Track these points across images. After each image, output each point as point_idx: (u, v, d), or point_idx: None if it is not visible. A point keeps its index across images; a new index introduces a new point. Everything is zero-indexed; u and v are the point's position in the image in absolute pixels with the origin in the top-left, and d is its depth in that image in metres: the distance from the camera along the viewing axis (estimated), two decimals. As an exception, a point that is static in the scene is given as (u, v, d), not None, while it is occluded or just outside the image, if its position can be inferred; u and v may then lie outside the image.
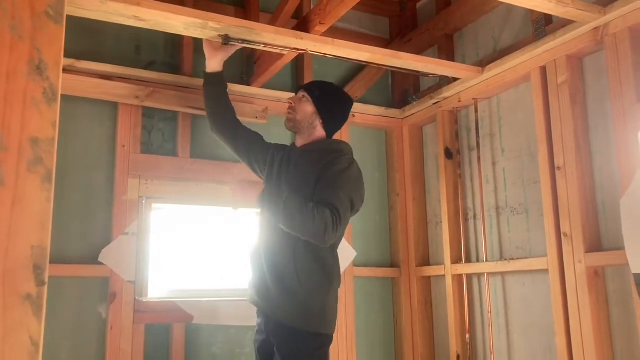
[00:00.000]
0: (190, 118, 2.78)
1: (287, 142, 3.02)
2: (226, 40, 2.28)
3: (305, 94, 2.29)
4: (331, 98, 2.32)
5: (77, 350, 2.44)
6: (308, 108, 2.27)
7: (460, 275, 2.89)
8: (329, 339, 2.14)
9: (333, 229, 1.97)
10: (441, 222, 3.00)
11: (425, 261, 3.16)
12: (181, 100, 2.70)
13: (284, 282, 2.08)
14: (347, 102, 2.39)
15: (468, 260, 2.88)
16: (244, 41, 2.31)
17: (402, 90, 3.40)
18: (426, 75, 2.93)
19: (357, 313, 3.03)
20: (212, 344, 2.71)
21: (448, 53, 3.08)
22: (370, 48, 2.47)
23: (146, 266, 2.59)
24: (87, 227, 2.53)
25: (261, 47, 2.37)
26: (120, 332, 2.45)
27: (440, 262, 3.00)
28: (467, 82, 2.80)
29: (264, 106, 2.89)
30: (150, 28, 2.21)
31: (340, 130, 2.44)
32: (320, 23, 2.26)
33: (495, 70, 2.66)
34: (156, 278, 2.64)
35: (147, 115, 2.74)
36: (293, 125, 2.30)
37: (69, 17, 2.43)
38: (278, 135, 2.99)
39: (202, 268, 2.77)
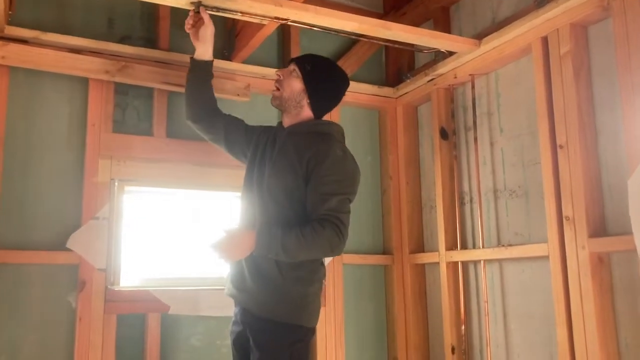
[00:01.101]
0: (167, 95, 2.60)
1: (273, 123, 2.87)
2: (198, 7, 2.10)
3: (296, 68, 2.06)
4: (324, 75, 2.09)
5: (43, 344, 2.28)
6: (296, 84, 2.05)
7: (455, 263, 2.72)
8: (310, 332, 1.99)
9: (340, 241, 1.87)
10: (435, 206, 2.83)
11: (420, 248, 3.00)
12: (156, 76, 2.52)
13: (262, 271, 1.92)
14: (342, 82, 2.16)
15: (464, 246, 2.71)
16: (218, 9, 2.13)
17: (396, 67, 3.21)
18: (420, 50, 2.76)
19: (346, 302, 2.87)
20: (191, 335, 2.55)
21: (444, 26, 2.89)
22: (358, 17, 2.29)
23: (118, 253, 2.42)
24: (54, 211, 2.36)
25: (238, 16, 2.19)
26: (89, 323, 2.29)
27: (434, 249, 2.83)
28: (463, 56, 2.62)
29: (246, 83, 2.70)
30: (115, -6, 2.04)
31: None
32: (301, -11, 2.08)
33: (493, 43, 2.47)
34: (129, 266, 2.48)
35: (121, 92, 2.56)
36: (279, 103, 2.09)
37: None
38: (262, 114, 2.82)
39: (179, 255, 2.60)
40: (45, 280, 2.31)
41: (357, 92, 3.02)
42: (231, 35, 2.73)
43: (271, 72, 2.78)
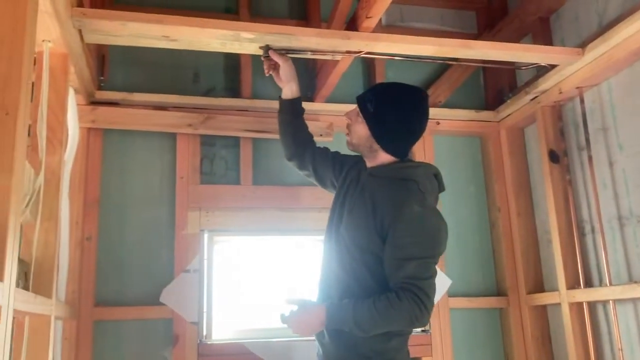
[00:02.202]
0: (251, 142, 2.59)
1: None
2: (266, 51, 2.05)
3: (359, 110, 1.84)
4: (390, 112, 1.77)
5: (141, 397, 2.29)
6: (361, 130, 1.81)
7: (580, 304, 2.35)
8: None
9: (422, 312, 1.63)
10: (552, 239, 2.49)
11: (539, 287, 2.65)
12: (239, 124, 2.53)
13: None
14: (416, 112, 1.80)
15: (588, 284, 2.34)
16: (287, 51, 2.07)
17: (496, 89, 2.95)
18: (519, 67, 2.50)
19: (456, 351, 2.59)
20: (288, 389, 2.44)
21: (544, 38, 2.60)
22: (436, 40, 2.11)
23: (210, 305, 2.40)
24: (148, 266, 2.41)
25: (309, 56, 2.12)
26: (184, 377, 2.27)
27: (555, 288, 2.48)
28: (566, 69, 2.31)
29: (329, 122, 2.62)
30: (185, 48, 2.07)
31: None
32: (366, 17, 1.95)
33: (600, 49, 2.15)
34: (221, 318, 2.44)
35: (208, 143, 2.59)
36: (353, 148, 1.90)
37: (124, 50, 2.38)
38: (348, 153, 2.70)
39: (271, 304, 2.51)
40: (141, 335, 2.34)
41: (452, 119, 2.81)
42: (311, 76, 2.67)
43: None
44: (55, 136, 1.80)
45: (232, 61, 2.71)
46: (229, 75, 2.72)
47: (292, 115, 2.10)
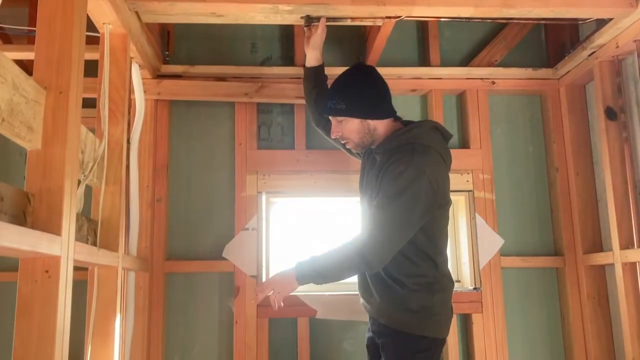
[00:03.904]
0: (304, 108, 2.71)
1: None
2: (308, 21, 2.15)
3: (335, 117, 1.95)
4: (352, 93, 1.92)
5: (209, 345, 2.55)
6: (352, 125, 1.93)
7: (633, 264, 2.30)
8: (436, 343, 1.89)
9: (373, 246, 1.77)
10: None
11: (597, 247, 2.60)
12: (291, 92, 2.65)
13: (384, 282, 1.91)
14: (366, 77, 1.96)
15: (643, 244, 2.29)
16: (328, 19, 2.15)
17: (558, 45, 2.85)
18: (576, 21, 2.42)
19: (509, 310, 2.62)
20: (342, 339, 2.60)
21: (605, -10, 2.48)
22: (473, 1, 2.10)
23: (267, 260, 2.60)
24: (212, 224, 2.64)
25: (349, 22, 2.19)
26: (245, 326, 2.50)
27: (610, 249, 2.43)
28: (621, 21, 2.21)
29: (380, 86, 2.67)
30: (233, 22, 2.21)
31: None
32: (400, -19, 1.99)
33: (655, -1, 2.05)
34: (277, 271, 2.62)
35: (265, 111, 2.75)
36: (362, 147, 2.00)
37: (186, 26, 2.57)
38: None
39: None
40: (207, 286, 2.58)
41: (509, 77, 2.77)
42: (363, 40, 2.73)
43: (408, 71, 2.72)
44: (117, 109, 2.02)
45: (287, 31, 2.83)
46: (284, 44, 2.84)
47: (315, 82, 2.23)
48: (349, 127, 1.93)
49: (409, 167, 1.77)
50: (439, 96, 2.76)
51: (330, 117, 1.98)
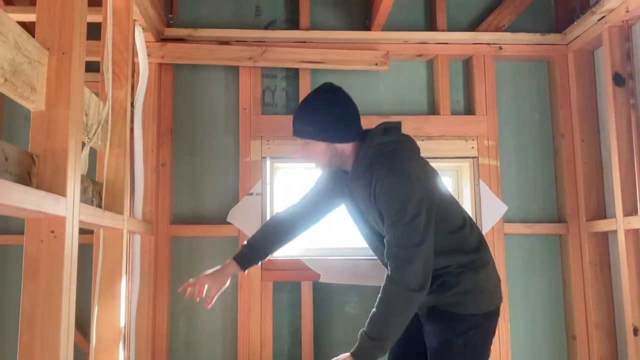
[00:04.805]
0: (309, 74, 2.69)
1: (418, 89, 2.77)
2: None
3: (302, 139, 1.89)
4: (320, 116, 1.84)
5: (213, 309, 2.55)
6: (319, 148, 1.86)
7: (636, 230, 2.30)
8: (487, 317, 1.88)
9: (412, 276, 1.69)
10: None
11: (600, 214, 2.60)
12: (297, 56, 2.63)
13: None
14: (334, 99, 1.87)
15: (647, 211, 2.29)
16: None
17: (567, 9, 2.80)
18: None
19: (511, 276, 2.64)
20: (345, 303, 2.63)
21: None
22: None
23: (271, 225, 2.61)
24: (217, 189, 2.65)
25: (354, -16, 2.16)
26: (249, 290, 2.53)
27: (614, 216, 2.43)
28: (633, -16, 2.18)
29: (385, 50, 2.64)
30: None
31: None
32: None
33: (667, -39, 2.01)
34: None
35: (269, 75, 2.73)
36: (330, 169, 1.95)
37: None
38: (405, 81, 2.76)
39: (328, 226, 2.68)
40: (212, 250, 2.60)
41: (516, 43, 2.73)
42: (369, 3, 2.69)
43: (414, 36, 2.68)
44: (121, 71, 2.01)
45: (292, -6, 2.79)
46: (288, 7, 2.80)
47: (260, 258, 2.13)
48: (317, 149, 1.87)
49: (395, 175, 1.73)
50: (445, 62, 2.73)
51: (298, 137, 1.92)
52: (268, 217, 2.60)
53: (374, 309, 1.72)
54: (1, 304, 2.57)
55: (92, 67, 1.94)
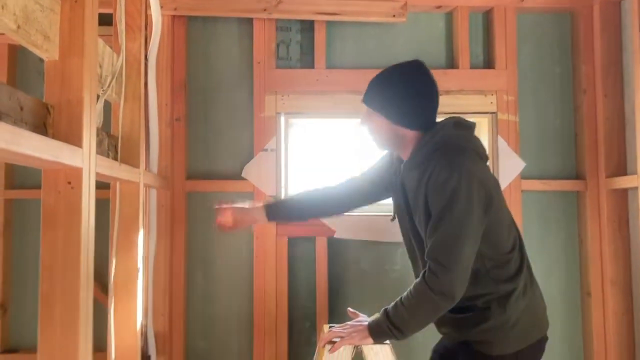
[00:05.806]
0: (325, 26, 2.63)
1: (436, 44, 2.71)
2: None
3: (367, 105, 1.74)
4: (395, 91, 1.67)
5: (230, 262, 2.60)
6: (381, 123, 1.69)
7: (657, 187, 2.27)
8: (516, 357, 1.68)
9: (441, 287, 1.54)
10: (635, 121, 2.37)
11: (621, 171, 2.56)
12: (312, 7, 2.57)
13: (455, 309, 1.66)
14: (417, 80, 1.68)
15: (669, 168, 2.24)
16: None
17: (593, -42, 2.69)
18: None
19: (527, 233, 2.62)
20: (359, 259, 2.64)
21: None
22: None
23: (286, 181, 2.61)
24: (232, 144, 2.63)
25: None
26: (264, 244, 2.54)
27: (635, 172, 2.39)
28: None
29: (403, 1, 2.56)
30: None
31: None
32: None
33: None
34: (296, 192, 2.64)
35: (284, 28, 2.68)
36: (387, 149, 1.81)
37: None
38: (422, 35, 2.69)
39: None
40: (228, 205, 2.60)
41: (539, -6, 2.64)
42: (387, -46, 2.61)
43: (433, -14, 2.60)
44: (134, 23, 1.97)
45: (308, -57, 2.70)
46: (305, -43, 2.72)
47: (288, 217, 2.08)
48: (377, 123, 1.71)
49: (452, 171, 1.55)
50: (465, 14, 2.65)
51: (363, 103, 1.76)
52: (283, 173, 2.60)
53: (403, 299, 1.60)
54: (22, 258, 2.61)
55: (105, 21, 1.90)
